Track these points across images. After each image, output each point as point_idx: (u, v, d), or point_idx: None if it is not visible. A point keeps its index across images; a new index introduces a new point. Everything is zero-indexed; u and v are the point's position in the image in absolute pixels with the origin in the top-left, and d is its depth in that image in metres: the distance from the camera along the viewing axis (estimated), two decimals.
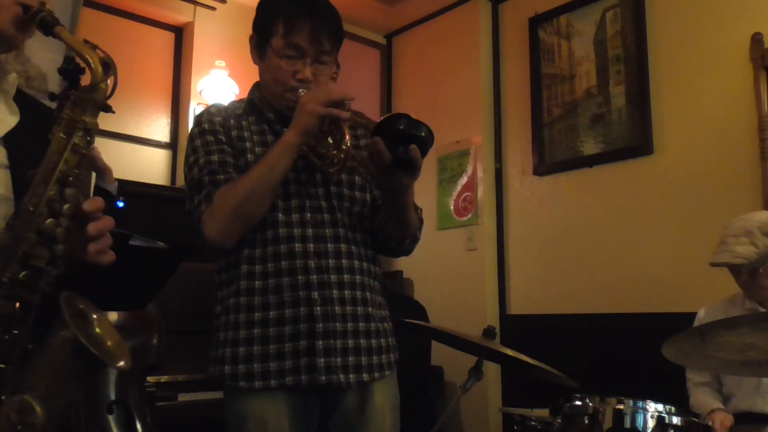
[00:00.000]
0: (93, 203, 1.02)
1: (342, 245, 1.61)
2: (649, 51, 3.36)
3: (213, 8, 4.04)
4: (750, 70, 2.99)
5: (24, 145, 1.09)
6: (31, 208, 0.96)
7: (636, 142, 3.35)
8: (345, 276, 1.59)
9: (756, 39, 2.98)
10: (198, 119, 1.67)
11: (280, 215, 1.58)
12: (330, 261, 1.58)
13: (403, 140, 1.45)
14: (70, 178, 1.00)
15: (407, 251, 1.76)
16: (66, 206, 0.98)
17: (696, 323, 2.43)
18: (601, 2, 3.57)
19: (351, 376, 1.56)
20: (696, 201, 3.12)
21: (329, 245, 1.60)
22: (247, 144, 1.63)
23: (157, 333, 2.35)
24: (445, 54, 4.22)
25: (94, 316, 0.99)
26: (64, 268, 0.99)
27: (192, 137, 1.65)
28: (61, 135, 1.01)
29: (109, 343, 0.98)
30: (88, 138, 1.03)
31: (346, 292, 1.59)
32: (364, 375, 1.58)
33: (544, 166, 3.74)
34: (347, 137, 1.51)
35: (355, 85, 4.47)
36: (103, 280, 1.06)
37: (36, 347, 0.93)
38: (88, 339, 0.94)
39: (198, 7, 4.02)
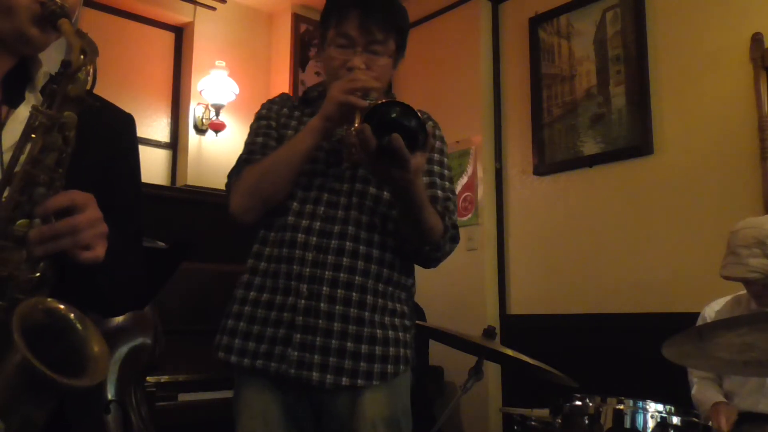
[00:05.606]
0: (58, 200, 0.92)
1: (348, 243, 1.56)
2: (649, 51, 3.36)
3: (213, 8, 4.04)
4: (750, 70, 2.98)
5: None
6: (3, 213, 0.90)
7: (636, 142, 3.35)
8: (341, 275, 1.54)
9: (756, 39, 2.98)
10: (262, 106, 1.77)
11: (294, 204, 1.60)
12: (329, 257, 1.55)
13: (391, 129, 1.37)
14: (43, 178, 0.92)
15: (428, 260, 1.63)
16: (36, 207, 0.91)
17: (700, 321, 2.42)
18: (601, 2, 3.57)
19: (329, 376, 1.50)
20: (696, 201, 3.12)
21: (333, 241, 1.55)
22: (289, 132, 1.68)
23: (155, 333, 2.34)
24: (445, 54, 4.22)
25: (79, 325, 0.91)
26: (47, 272, 0.92)
27: (252, 122, 1.75)
28: (33, 135, 0.93)
29: (95, 348, 0.90)
30: (66, 133, 0.94)
31: (339, 290, 1.53)
32: (344, 379, 1.50)
33: (544, 166, 3.74)
34: (355, 125, 1.46)
35: None
36: (102, 280, 1.05)
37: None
38: (68, 349, 0.87)
39: (198, 7, 4.02)
